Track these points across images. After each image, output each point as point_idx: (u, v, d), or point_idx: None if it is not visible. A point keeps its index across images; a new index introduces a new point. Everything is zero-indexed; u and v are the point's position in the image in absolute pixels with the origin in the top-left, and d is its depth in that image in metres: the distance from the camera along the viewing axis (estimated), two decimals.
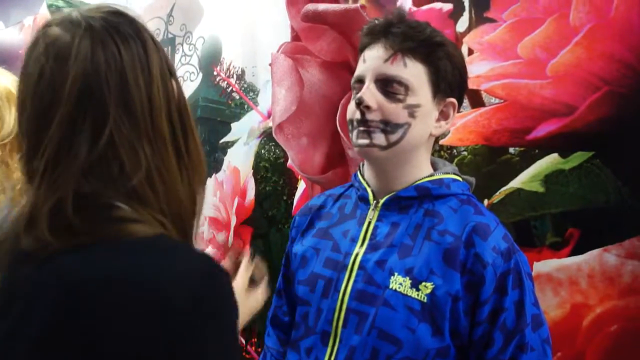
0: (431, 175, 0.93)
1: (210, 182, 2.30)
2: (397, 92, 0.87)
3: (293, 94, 1.07)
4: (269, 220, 2.03)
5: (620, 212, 1.15)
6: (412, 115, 0.87)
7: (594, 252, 1.18)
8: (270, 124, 2.04)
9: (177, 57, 2.46)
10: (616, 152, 1.16)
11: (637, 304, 1.12)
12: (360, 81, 0.91)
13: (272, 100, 1.11)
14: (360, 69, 0.92)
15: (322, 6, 1.06)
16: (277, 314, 1.09)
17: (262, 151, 2.07)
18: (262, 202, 2.06)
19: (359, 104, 0.88)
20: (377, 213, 0.92)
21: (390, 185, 0.93)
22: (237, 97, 2.21)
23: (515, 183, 1.31)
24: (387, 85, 0.88)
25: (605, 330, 1.16)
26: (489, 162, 1.36)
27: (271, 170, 2.03)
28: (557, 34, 1.23)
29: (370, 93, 0.88)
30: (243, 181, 2.15)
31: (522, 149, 1.31)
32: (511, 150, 1.33)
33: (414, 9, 1.55)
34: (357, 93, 0.92)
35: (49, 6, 1.74)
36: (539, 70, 1.26)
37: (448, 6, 1.46)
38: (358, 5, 1.03)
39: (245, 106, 2.16)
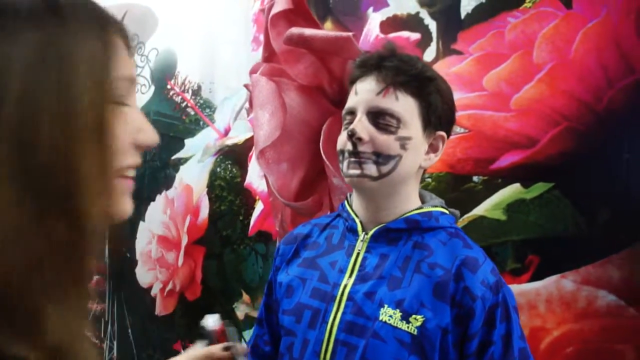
0: (420, 208, 0.94)
1: (160, 199, 2.21)
2: (389, 124, 0.88)
3: (277, 118, 1.06)
4: (223, 240, 1.98)
5: (577, 241, 1.22)
6: (403, 147, 0.88)
7: (552, 278, 1.24)
8: (227, 142, 2.01)
9: None
10: (574, 184, 1.23)
11: (591, 327, 1.18)
12: (352, 113, 0.92)
13: (254, 123, 1.09)
14: (352, 101, 0.92)
15: (308, 31, 1.06)
16: (257, 344, 1.06)
17: (218, 169, 2.02)
18: (216, 222, 2.01)
19: (352, 135, 0.88)
20: (365, 244, 0.92)
21: (379, 217, 0.93)
22: (192, 112, 2.15)
23: (478, 210, 1.36)
24: (379, 118, 0.88)
25: (561, 352, 1.22)
26: (453, 190, 1.40)
27: (227, 189, 1.99)
28: (521, 70, 1.30)
29: (362, 125, 0.88)
30: (196, 199, 2.09)
31: (485, 177, 1.36)
32: (475, 178, 1.38)
33: (382, 36, 1.58)
34: (348, 124, 0.92)
35: None
36: (503, 103, 1.32)
37: (416, 35, 1.50)
38: (350, 34, 1.03)
39: (201, 122, 2.11)
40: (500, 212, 1.33)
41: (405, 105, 0.89)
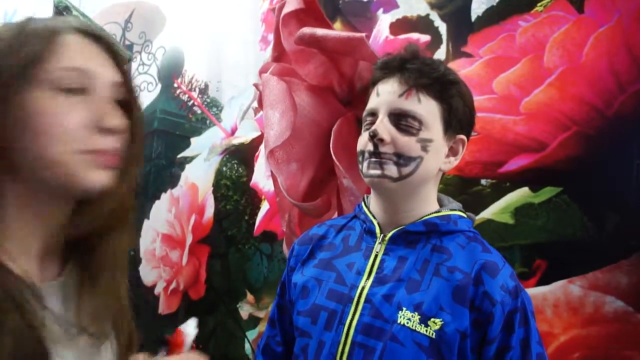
0: (438, 211, 0.93)
1: (166, 198, 2.21)
2: (411, 126, 0.88)
3: (288, 118, 1.05)
4: (228, 239, 1.98)
5: (585, 246, 1.21)
6: (424, 149, 0.88)
7: (559, 283, 1.24)
8: (234, 141, 2.01)
9: (134, 65, 2.37)
10: (583, 189, 1.23)
11: (598, 333, 1.18)
12: (373, 114, 0.91)
13: (264, 123, 1.09)
14: (373, 102, 0.92)
15: (320, 31, 1.05)
16: (269, 344, 1.06)
17: (224, 169, 2.02)
18: (221, 221, 2.01)
19: (374, 136, 0.87)
20: (384, 246, 0.91)
21: (398, 219, 0.92)
22: (199, 111, 2.15)
23: (486, 214, 1.36)
24: (401, 120, 0.88)
25: (568, 358, 1.21)
26: (461, 192, 1.39)
27: (232, 189, 1.99)
28: (531, 74, 1.29)
29: (384, 126, 0.88)
30: (201, 198, 2.09)
31: (493, 181, 1.35)
32: (483, 181, 1.37)
33: (391, 37, 1.58)
34: (369, 125, 0.92)
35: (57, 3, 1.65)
36: (512, 106, 1.32)
37: (426, 37, 1.50)
38: (363, 34, 1.03)
39: (207, 121, 2.11)
40: (508, 215, 1.33)
41: (427, 108, 0.88)
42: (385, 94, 0.90)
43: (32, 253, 0.62)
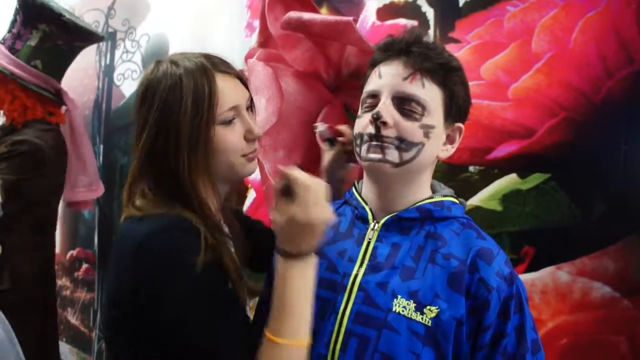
0: (431, 197, 0.92)
1: None
2: (414, 111, 0.86)
3: (274, 105, 1.04)
4: None
5: (573, 232, 1.21)
6: (426, 135, 0.87)
7: (548, 270, 1.24)
8: None
9: (118, 53, 2.33)
10: (571, 176, 1.22)
11: (586, 319, 1.18)
12: (374, 96, 0.90)
13: None
14: (375, 84, 0.90)
15: (307, 15, 1.03)
16: None
17: None
18: None
19: (377, 119, 0.86)
20: (376, 233, 0.90)
21: (391, 205, 0.91)
22: None
23: (474, 201, 1.35)
24: (404, 104, 0.86)
25: (555, 344, 1.22)
26: (449, 179, 1.38)
27: None
28: (520, 59, 1.28)
29: (387, 109, 0.86)
30: None
31: (481, 167, 1.35)
32: (471, 168, 1.37)
33: (378, 23, 1.56)
34: (368, 107, 0.90)
35: None
36: (500, 92, 1.31)
37: (413, 23, 1.48)
38: (350, 18, 1.01)
39: None
40: (496, 202, 1.32)
41: (430, 93, 0.87)
42: (388, 76, 0.88)
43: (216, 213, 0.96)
